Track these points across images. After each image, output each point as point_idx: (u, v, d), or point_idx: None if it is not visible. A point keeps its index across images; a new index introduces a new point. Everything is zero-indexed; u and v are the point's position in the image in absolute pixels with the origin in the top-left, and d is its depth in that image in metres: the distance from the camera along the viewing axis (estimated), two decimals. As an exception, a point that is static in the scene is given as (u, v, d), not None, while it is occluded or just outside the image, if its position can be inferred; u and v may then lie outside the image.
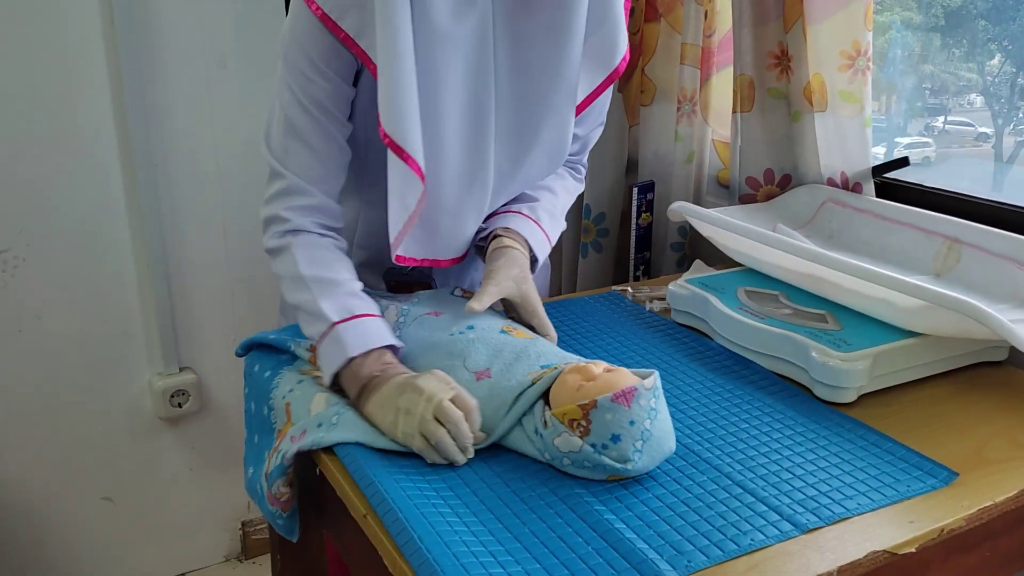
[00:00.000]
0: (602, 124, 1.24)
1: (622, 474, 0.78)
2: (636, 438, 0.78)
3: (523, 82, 1.02)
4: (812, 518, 0.75)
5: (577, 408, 0.78)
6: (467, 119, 1.01)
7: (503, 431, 0.84)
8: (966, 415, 0.94)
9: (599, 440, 0.78)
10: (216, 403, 1.96)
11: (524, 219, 1.12)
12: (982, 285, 1.10)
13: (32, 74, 1.61)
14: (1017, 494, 0.80)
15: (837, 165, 1.35)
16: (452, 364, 0.91)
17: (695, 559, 0.69)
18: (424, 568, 0.67)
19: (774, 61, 1.39)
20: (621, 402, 0.78)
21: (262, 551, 2.12)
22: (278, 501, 0.91)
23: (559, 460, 0.80)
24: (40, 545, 1.87)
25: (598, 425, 0.77)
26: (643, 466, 0.79)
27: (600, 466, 0.78)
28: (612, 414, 0.77)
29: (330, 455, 0.85)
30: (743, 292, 1.14)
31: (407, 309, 1.01)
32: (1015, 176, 1.49)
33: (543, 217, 1.14)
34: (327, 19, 0.94)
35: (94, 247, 1.75)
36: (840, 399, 0.95)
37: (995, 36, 1.46)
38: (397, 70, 0.92)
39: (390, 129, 0.94)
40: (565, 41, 1.00)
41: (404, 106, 0.93)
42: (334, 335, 0.94)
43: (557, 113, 1.05)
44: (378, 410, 0.87)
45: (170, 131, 1.75)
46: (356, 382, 0.91)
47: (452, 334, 0.95)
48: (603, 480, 0.79)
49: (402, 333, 0.99)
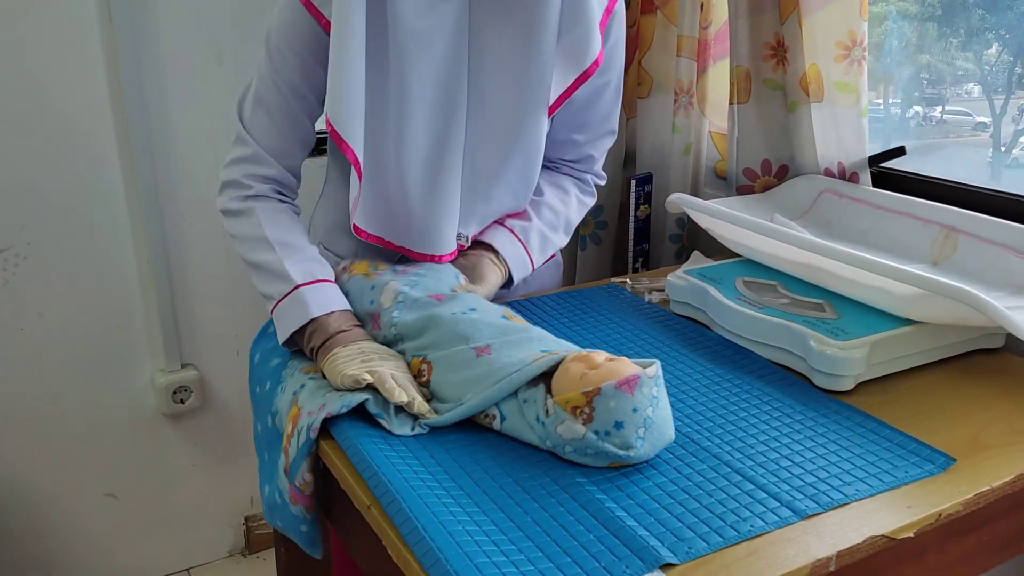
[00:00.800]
0: (612, 134, 1.25)
1: (624, 461, 0.79)
2: (639, 425, 0.78)
3: (496, 78, 1.06)
4: (811, 504, 0.75)
5: (580, 395, 0.79)
6: (438, 112, 1.06)
7: (494, 399, 0.85)
8: (963, 402, 0.95)
9: (602, 427, 0.78)
10: (218, 399, 1.97)
11: (511, 238, 1.17)
12: (979, 273, 1.11)
13: (30, 72, 1.62)
14: (1014, 479, 0.81)
15: (834, 155, 1.36)
16: (456, 348, 0.92)
17: (695, 545, 0.70)
18: (428, 557, 0.68)
19: (770, 52, 1.39)
20: (624, 389, 0.78)
21: (266, 546, 2.13)
22: (302, 496, 0.92)
23: (561, 448, 0.81)
24: (43, 541, 1.88)
25: (601, 412, 0.78)
26: (645, 453, 0.79)
27: (603, 453, 0.79)
28: (615, 401, 0.78)
29: (333, 447, 0.86)
30: (741, 282, 1.14)
31: (405, 292, 1.02)
32: (1012, 164, 1.50)
33: (532, 239, 1.19)
34: (310, 5, 1.01)
35: (95, 244, 1.75)
36: (838, 387, 0.96)
37: (992, 25, 1.47)
38: (345, 64, 0.99)
39: (332, 118, 1.01)
40: (537, 39, 1.04)
41: (347, 98, 1.00)
42: (297, 296, 1.00)
43: (529, 111, 1.08)
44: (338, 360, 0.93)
45: (169, 127, 1.75)
46: (323, 334, 0.98)
47: (455, 313, 0.97)
48: (604, 467, 0.80)
49: (399, 315, 1.00)
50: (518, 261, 1.17)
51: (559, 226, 1.23)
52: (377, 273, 1.06)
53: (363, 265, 1.08)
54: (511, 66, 1.05)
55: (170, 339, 1.86)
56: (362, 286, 1.04)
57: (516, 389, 0.85)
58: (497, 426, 0.86)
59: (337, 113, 1.01)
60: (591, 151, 1.25)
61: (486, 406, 0.86)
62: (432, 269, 1.09)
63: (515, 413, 0.85)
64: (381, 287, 1.03)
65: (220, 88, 1.77)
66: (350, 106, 1.01)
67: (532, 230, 1.19)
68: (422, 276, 1.06)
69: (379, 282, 1.03)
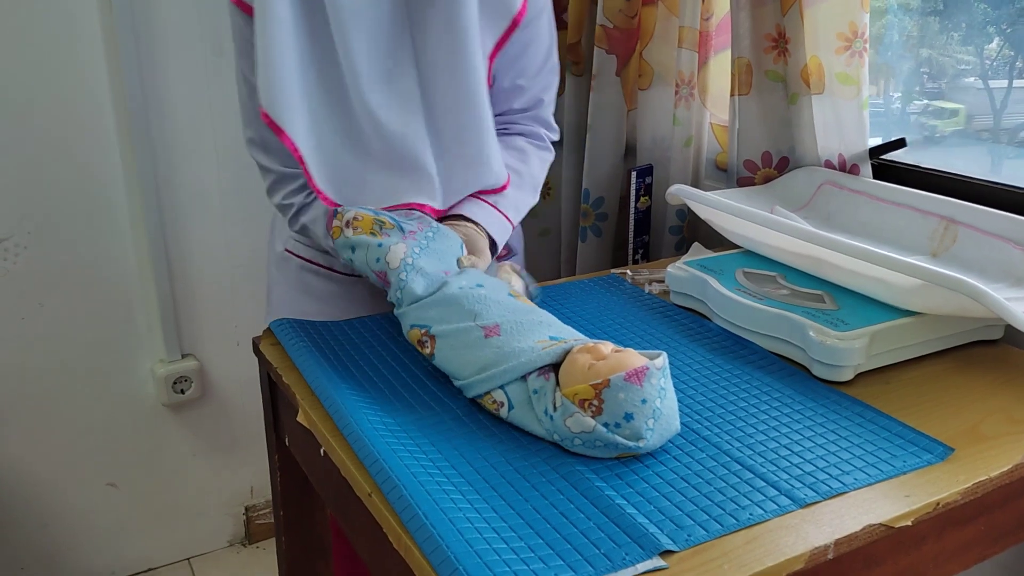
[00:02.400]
0: (556, 70, 1.27)
1: (634, 452, 0.79)
2: (648, 416, 0.79)
3: (434, 40, 1.09)
4: (810, 493, 0.76)
5: (589, 388, 0.79)
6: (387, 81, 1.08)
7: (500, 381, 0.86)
8: (962, 393, 0.95)
9: (612, 419, 0.78)
10: (218, 389, 1.98)
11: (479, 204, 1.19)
12: (978, 264, 1.11)
13: (29, 62, 1.62)
14: (1012, 468, 0.81)
15: (834, 147, 1.36)
16: (466, 325, 0.93)
17: (695, 533, 0.70)
18: (429, 544, 0.68)
19: (771, 44, 1.39)
20: (633, 381, 0.78)
21: (266, 536, 2.14)
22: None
23: (570, 441, 0.81)
24: (45, 530, 1.89)
25: (611, 404, 0.78)
26: (654, 444, 0.80)
27: (612, 445, 0.79)
28: (625, 393, 0.78)
29: (335, 435, 0.86)
30: (741, 273, 1.15)
31: (415, 255, 1.02)
32: (1014, 158, 1.50)
33: (500, 201, 1.21)
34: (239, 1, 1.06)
35: (95, 234, 1.76)
36: (837, 377, 0.97)
37: (994, 19, 1.47)
38: (271, 52, 1.01)
39: (266, 106, 1.02)
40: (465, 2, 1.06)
41: (276, 85, 1.02)
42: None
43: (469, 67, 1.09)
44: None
45: (169, 117, 1.76)
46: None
47: (462, 287, 0.98)
48: (615, 457, 0.80)
49: (408, 278, 1.01)
50: (494, 223, 1.18)
51: (524, 185, 1.24)
52: (384, 233, 1.04)
53: (368, 220, 1.06)
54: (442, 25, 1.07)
55: (170, 329, 1.86)
56: (368, 242, 1.04)
57: (525, 374, 0.86)
58: (504, 414, 0.86)
59: (269, 101, 1.02)
60: (540, 94, 1.26)
61: (491, 387, 0.87)
62: (439, 232, 1.08)
63: (524, 403, 0.85)
64: (388, 247, 1.02)
65: (220, 78, 1.77)
66: (281, 93, 1.02)
67: (499, 193, 1.21)
68: (430, 239, 1.05)
69: (387, 242, 1.03)
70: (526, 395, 0.85)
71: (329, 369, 0.97)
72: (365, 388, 0.94)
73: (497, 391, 0.87)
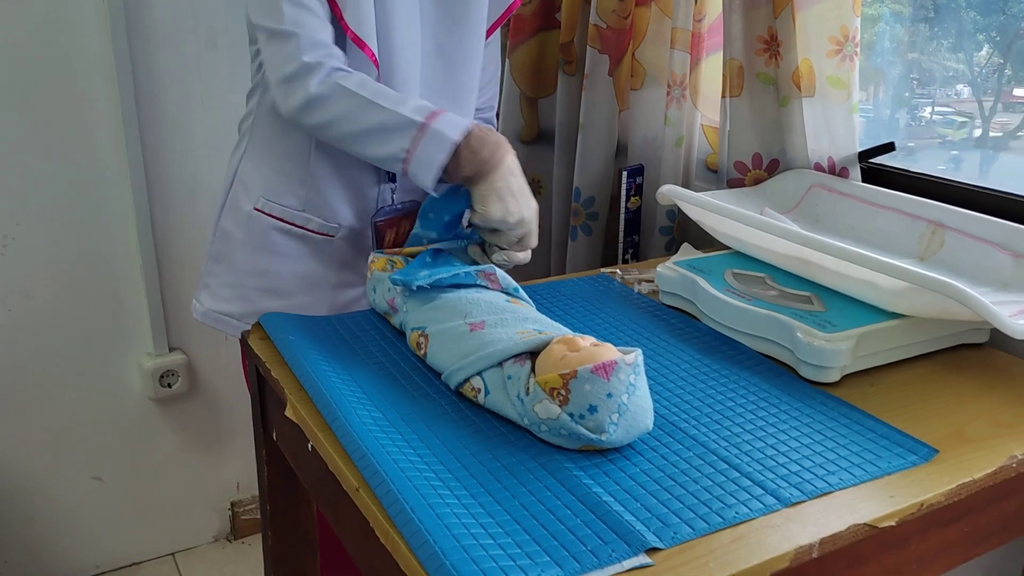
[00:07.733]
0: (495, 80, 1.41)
1: (596, 445, 0.80)
2: (612, 411, 0.79)
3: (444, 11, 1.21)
4: (795, 492, 0.76)
5: (558, 377, 0.80)
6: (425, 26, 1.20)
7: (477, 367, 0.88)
8: (947, 395, 0.96)
9: (577, 410, 0.79)
10: (206, 384, 1.97)
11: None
12: (965, 268, 1.12)
13: (20, 54, 1.61)
14: (996, 471, 0.82)
15: (824, 150, 1.36)
16: (455, 324, 0.95)
17: (680, 530, 0.71)
18: (417, 540, 0.68)
19: (763, 46, 1.40)
20: (600, 374, 0.79)
21: (251, 531, 2.13)
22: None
23: (537, 426, 0.82)
24: (30, 524, 1.88)
25: (576, 395, 0.79)
26: (617, 439, 0.80)
27: (575, 435, 0.80)
28: (591, 385, 0.79)
29: (323, 430, 0.86)
30: (730, 274, 1.15)
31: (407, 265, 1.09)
32: (1001, 165, 1.51)
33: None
34: None
35: (83, 226, 1.75)
36: (824, 379, 0.97)
37: (983, 27, 1.48)
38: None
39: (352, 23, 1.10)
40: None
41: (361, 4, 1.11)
42: (430, 132, 1.05)
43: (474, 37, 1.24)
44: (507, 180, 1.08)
45: (160, 111, 1.75)
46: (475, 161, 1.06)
47: (459, 292, 1.02)
48: (577, 449, 0.82)
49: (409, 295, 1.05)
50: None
51: None
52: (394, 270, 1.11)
53: (381, 261, 1.12)
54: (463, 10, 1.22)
55: (158, 323, 1.86)
56: (380, 277, 1.10)
57: (501, 360, 0.87)
58: (481, 400, 0.88)
59: (355, 19, 1.10)
60: (491, 101, 1.41)
61: (469, 373, 0.89)
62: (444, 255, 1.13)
63: (499, 388, 0.87)
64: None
65: (212, 73, 1.76)
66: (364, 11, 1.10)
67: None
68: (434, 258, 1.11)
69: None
70: (502, 381, 0.87)
71: (317, 364, 0.97)
72: (354, 383, 0.94)
73: (475, 378, 0.89)
